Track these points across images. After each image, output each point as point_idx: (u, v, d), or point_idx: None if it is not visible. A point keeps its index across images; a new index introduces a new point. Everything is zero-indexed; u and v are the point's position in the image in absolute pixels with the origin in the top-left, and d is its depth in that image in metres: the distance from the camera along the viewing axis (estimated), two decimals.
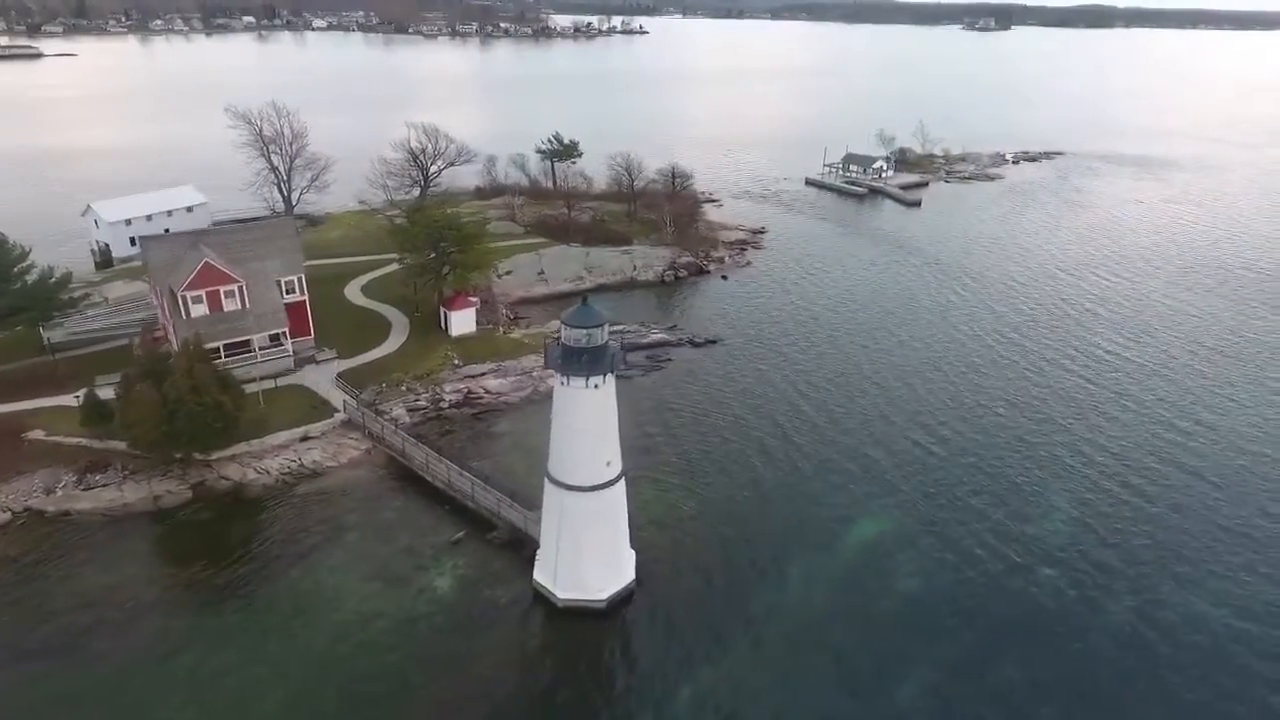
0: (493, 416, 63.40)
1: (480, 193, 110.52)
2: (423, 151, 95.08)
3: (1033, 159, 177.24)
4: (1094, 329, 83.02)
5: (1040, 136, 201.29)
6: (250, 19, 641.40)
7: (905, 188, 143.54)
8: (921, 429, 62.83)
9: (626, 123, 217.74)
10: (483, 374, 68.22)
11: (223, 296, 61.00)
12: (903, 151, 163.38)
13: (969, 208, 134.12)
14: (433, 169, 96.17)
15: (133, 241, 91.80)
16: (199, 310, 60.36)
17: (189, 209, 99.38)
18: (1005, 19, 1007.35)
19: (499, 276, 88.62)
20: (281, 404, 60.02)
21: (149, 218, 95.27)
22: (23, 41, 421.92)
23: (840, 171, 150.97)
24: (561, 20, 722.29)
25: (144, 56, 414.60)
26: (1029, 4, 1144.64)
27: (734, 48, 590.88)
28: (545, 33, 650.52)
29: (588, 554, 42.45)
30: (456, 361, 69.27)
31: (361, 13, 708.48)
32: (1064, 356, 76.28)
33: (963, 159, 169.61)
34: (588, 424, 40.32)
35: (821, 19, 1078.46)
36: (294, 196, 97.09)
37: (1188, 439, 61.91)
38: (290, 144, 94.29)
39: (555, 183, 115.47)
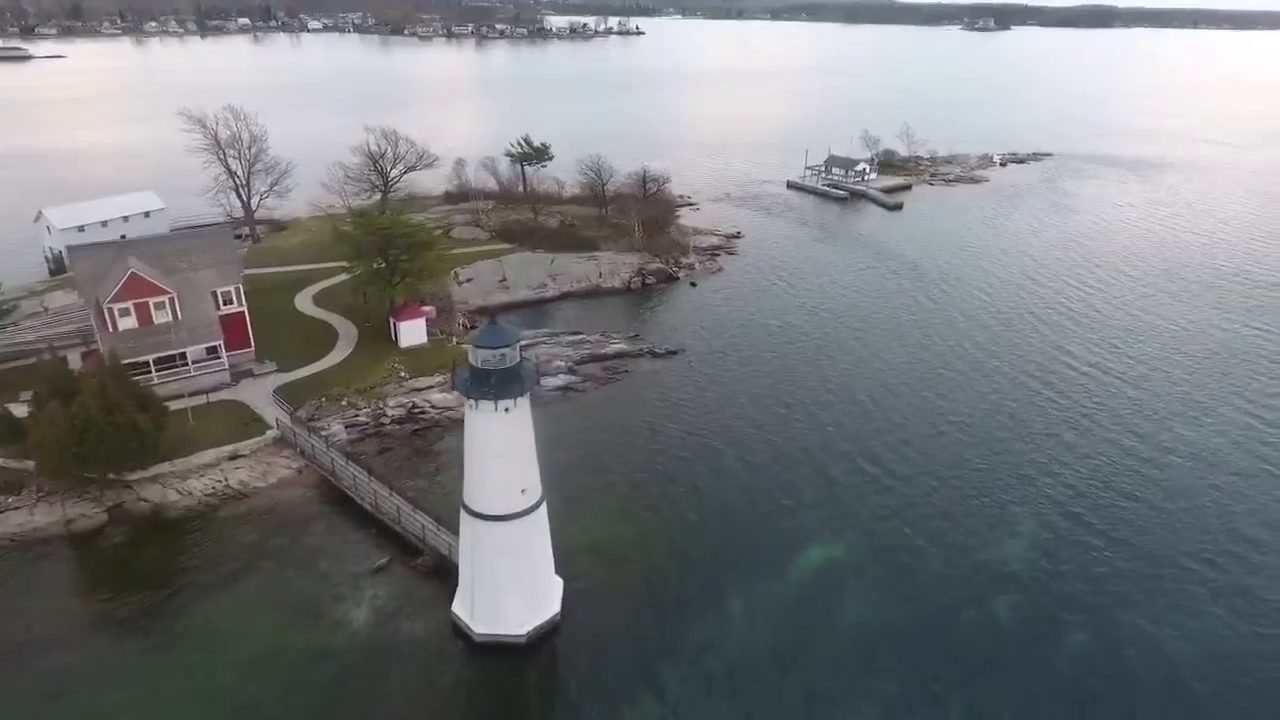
0: (434, 433, 60.90)
1: (449, 197, 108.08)
2: (382, 155, 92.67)
3: (1020, 161, 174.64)
4: (1069, 339, 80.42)
5: (1030, 138, 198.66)
6: (245, 21, 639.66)
7: (887, 191, 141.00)
8: (884, 447, 60.26)
9: (611, 125, 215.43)
10: (429, 387, 65.76)
11: (152, 309, 58.60)
12: (887, 154, 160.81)
13: (951, 211, 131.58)
14: (392, 173, 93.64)
15: None
16: (127, 323, 57.98)
17: (147, 214, 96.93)
18: (1005, 19, 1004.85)
19: (459, 284, 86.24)
20: (212, 420, 57.58)
21: (104, 224, 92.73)
22: (13, 43, 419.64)
23: (822, 174, 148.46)
24: (558, 21, 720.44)
25: (133, 58, 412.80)
26: (1030, 4, 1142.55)
27: (729, 48, 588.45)
28: (541, 34, 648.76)
29: (505, 586, 40.00)
30: (403, 374, 66.81)
31: (359, 14, 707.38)
32: (1036, 369, 73.68)
33: (949, 161, 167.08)
34: (500, 449, 37.83)
35: (821, 19, 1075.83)
36: (253, 202, 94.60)
37: (1160, 458, 59.33)
38: (249, 148, 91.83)
39: (525, 187, 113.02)
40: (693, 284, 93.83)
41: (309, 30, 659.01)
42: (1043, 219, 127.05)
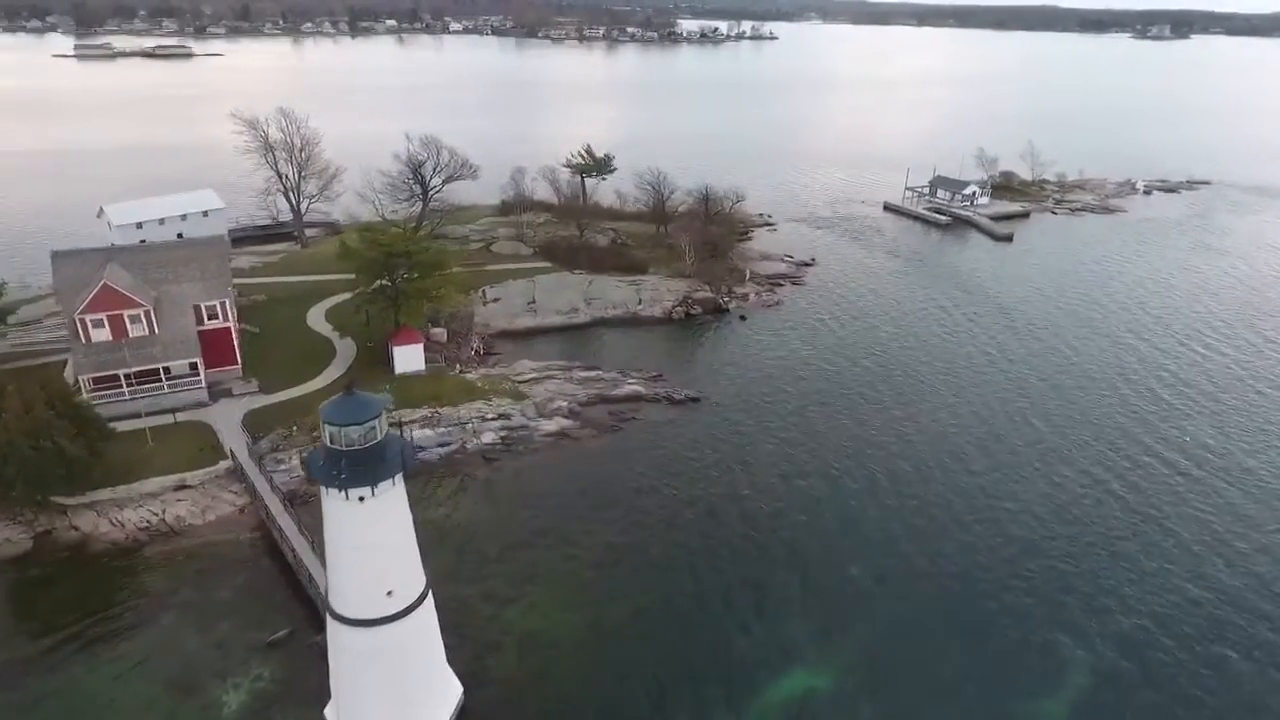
0: None
1: (505, 208, 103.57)
2: (422, 164, 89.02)
3: (1170, 190, 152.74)
4: (1170, 425, 65.58)
5: (1187, 163, 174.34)
6: (392, 22, 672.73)
7: (998, 218, 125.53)
8: (916, 541, 49.81)
9: (707, 132, 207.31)
10: (412, 422, 60.33)
11: (127, 321, 56.21)
12: (1005, 175, 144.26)
13: (1069, 246, 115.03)
14: (432, 182, 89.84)
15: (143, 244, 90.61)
16: (100, 335, 55.82)
17: (205, 213, 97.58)
18: (1183, 26, 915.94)
19: (484, 304, 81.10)
20: (172, 443, 54.42)
21: (161, 221, 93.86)
22: (175, 41, 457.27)
23: (925, 196, 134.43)
24: (689, 25, 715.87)
25: (284, 57, 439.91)
26: (1216, 10, 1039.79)
27: (862, 55, 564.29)
28: (671, 38, 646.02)
29: (371, 700, 33.45)
30: (388, 405, 61.68)
31: (498, 17, 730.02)
32: (1117, 463, 60.09)
33: (1080, 187, 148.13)
34: (359, 544, 31.20)
35: (970, 25, 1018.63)
36: (302, 205, 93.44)
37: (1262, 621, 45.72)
38: (300, 151, 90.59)
39: (585, 200, 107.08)
40: (742, 317, 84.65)
41: (450, 32, 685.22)
42: (1180, 262, 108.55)
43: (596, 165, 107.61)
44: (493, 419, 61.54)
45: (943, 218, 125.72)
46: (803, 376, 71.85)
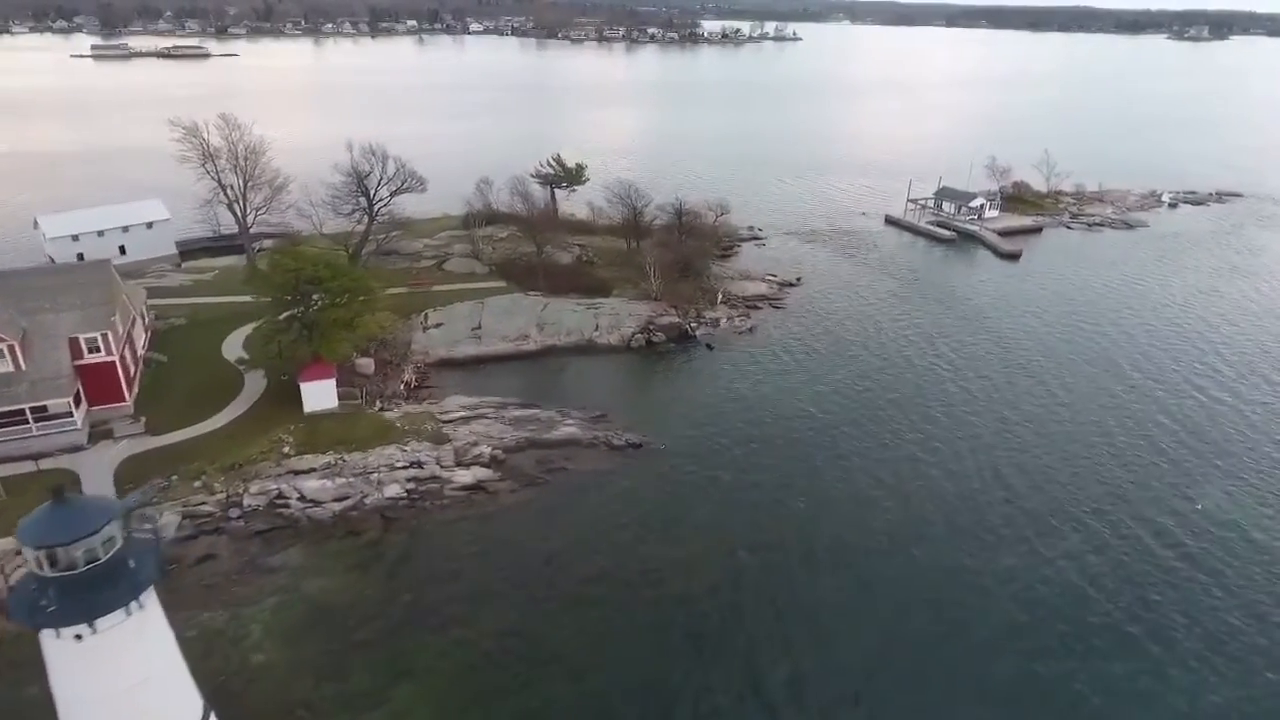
0: (282, 538, 48.75)
1: (472, 220, 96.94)
2: (367, 174, 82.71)
3: (1198, 202, 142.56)
4: (1205, 485, 57.41)
5: (1217, 172, 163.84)
6: (413, 23, 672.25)
7: (1006, 234, 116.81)
8: (877, 634, 42.33)
9: (707, 136, 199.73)
10: (310, 470, 54.03)
11: None
12: (1018, 186, 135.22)
13: (1081, 265, 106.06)
14: (378, 195, 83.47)
15: (80, 258, 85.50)
16: None
17: (149, 225, 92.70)
18: (1222, 28, 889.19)
19: (424, 330, 74.60)
20: (25, 498, 48.18)
21: (100, 234, 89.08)
22: (192, 42, 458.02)
23: (930, 209, 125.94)
24: (710, 26, 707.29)
25: (299, 57, 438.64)
26: (1257, 10, 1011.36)
27: (886, 57, 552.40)
28: (692, 39, 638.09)
29: None
30: (287, 449, 55.51)
31: (520, 18, 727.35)
32: (1136, 529, 52.10)
33: (1099, 199, 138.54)
34: (91, 695, 24.50)
35: (1002, 26, 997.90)
36: (249, 217, 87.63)
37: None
38: (243, 159, 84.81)
39: (555, 212, 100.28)
40: (709, 346, 77.30)
41: (471, 33, 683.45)
42: (1202, 285, 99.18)
43: (567, 175, 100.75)
44: (403, 467, 54.94)
45: (947, 233, 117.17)
46: (763, 419, 64.28)
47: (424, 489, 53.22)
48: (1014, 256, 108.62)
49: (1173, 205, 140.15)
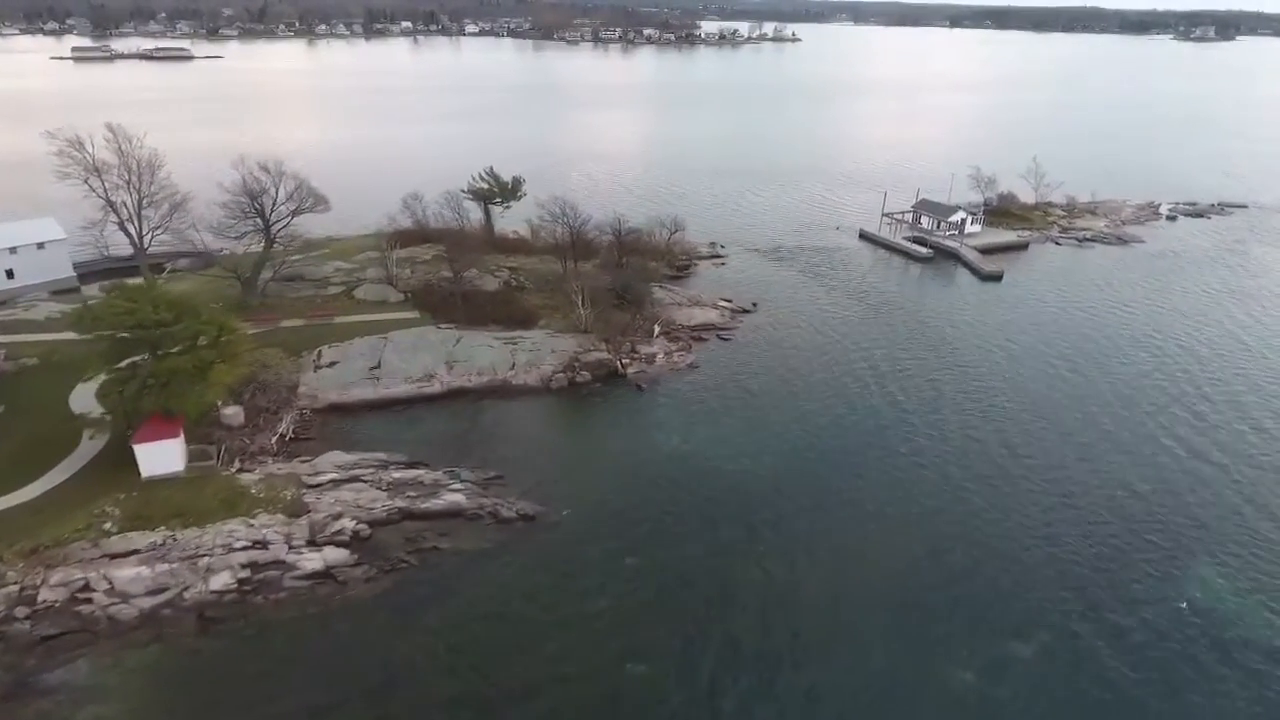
0: (65, 648, 40.31)
1: (399, 240, 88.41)
2: (262, 193, 74.38)
3: (1199, 214, 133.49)
4: (1187, 570, 48.79)
5: (1220, 182, 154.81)
6: (408, 24, 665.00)
7: (989, 251, 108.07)
8: None
9: (687, 143, 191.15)
10: (130, 553, 45.71)
11: None
12: (1004, 199, 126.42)
13: (1068, 287, 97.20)
14: (274, 215, 75.02)
15: None
16: None
17: (40, 245, 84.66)
18: (1228, 28, 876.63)
19: (315, 369, 66.26)
20: None
21: None
22: (175, 44, 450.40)
23: (908, 224, 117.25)
24: (708, 27, 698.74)
25: (286, 59, 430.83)
26: (1265, 11, 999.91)
27: (886, 58, 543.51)
28: (689, 39, 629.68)
29: None
30: (109, 526, 47.20)
31: (515, 20, 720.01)
32: (1108, 619, 43.51)
33: (1092, 211, 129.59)
34: None
35: (1007, 27, 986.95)
36: (146, 237, 79.47)
37: None
38: (137, 174, 76.68)
39: (492, 231, 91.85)
40: (640, 387, 68.73)
41: (467, 34, 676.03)
42: (1198, 311, 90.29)
43: (501, 190, 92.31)
44: (243, 548, 46.62)
45: (924, 250, 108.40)
46: (688, 480, 55.78)
47: (260, 578, 44.87)
48: (995, 278, 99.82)
49: (1171, 217, 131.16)
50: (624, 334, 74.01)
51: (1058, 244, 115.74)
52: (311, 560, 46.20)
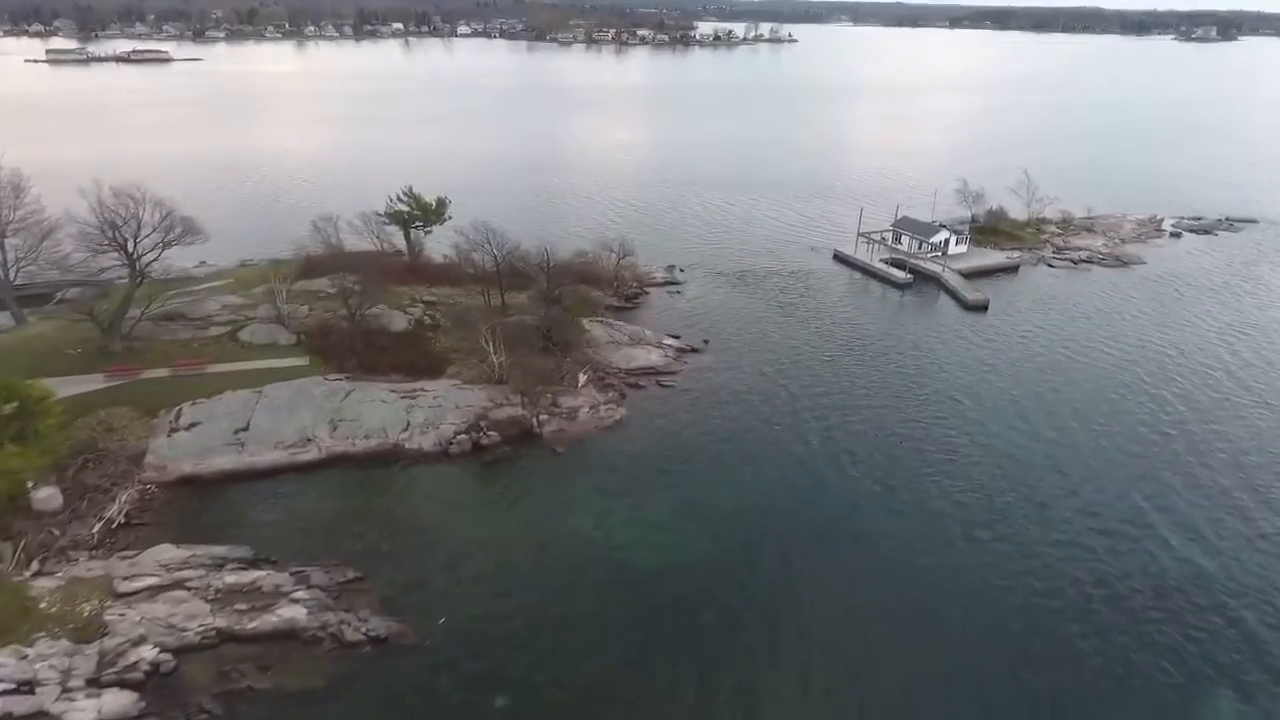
0: None
1: (304, 269, 78.75)
2: (123, 223, 64.77)
3: (1205, 230, 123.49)
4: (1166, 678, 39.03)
5: (1226, 194, 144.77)
6: (399, 25, 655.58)
7: (974, 275, 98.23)
8: None
9: (661, 152, 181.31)
10: None
11: None
12: (994, 214, 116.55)
13: (1059, 320, 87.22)
14: (138, 248, 65.18)
15: None
16: None
17: None
18: (1230, 28, 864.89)
19: (170, 434, 56.54)
20: None
21: None
22: (154, 46, 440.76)
23: (887, 244, 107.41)
24: (704, 28, 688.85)
25: (269, 62, 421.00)
26: (1266, 11, 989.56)
27: (881, 59, 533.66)
28: (683, 40, 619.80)
29: None
30: None
31: (510, 21, 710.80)
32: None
33: (1088, 228, 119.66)
34: None
35: (1007, 27, 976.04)
36: (12, 269, 69.83)
37: None
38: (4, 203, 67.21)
39: (419, 256, 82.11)
40: (556, 451, 58.92)
41: (459, 35, 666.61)
42: (1200, 345, 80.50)
43: (424, 214, 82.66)
44: (2, 691, 36.88)
45: (902, 274, 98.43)
46: (594, 578, 46.17)
47: None
48: (980, 308, 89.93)
49: (1175, 234, 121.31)
50: (546, 383, 64.15)
51: (1051, 265, 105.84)
52: (83, 712, 36.45)
